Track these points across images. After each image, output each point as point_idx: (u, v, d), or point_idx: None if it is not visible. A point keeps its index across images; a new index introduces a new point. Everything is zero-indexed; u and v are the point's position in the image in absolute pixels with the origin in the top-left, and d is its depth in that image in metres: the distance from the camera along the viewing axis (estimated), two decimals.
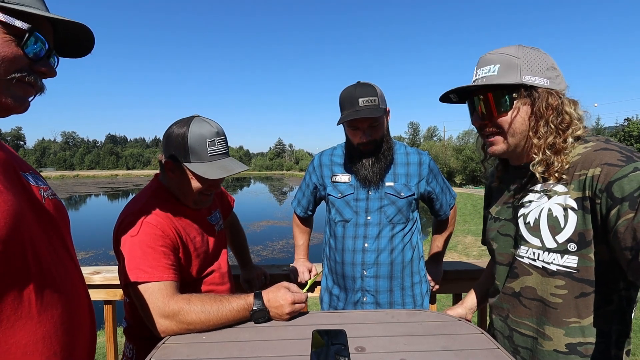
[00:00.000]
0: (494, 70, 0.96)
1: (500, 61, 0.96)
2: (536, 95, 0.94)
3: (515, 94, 0.95)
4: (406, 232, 1.57)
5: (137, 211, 1.14)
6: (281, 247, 13.97)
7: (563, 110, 0.94)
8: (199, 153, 1.13)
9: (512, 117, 0.96)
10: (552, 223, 0.93)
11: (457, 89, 1.02)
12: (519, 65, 0.94)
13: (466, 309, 1.32)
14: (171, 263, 1.09)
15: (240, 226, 1.80)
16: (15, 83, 0.67)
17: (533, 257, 0.98)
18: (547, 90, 0.94)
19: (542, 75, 0.94)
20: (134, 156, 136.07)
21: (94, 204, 35.25)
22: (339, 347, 0.93)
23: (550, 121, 0.94)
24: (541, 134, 0.95)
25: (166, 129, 1.19)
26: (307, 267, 1.82)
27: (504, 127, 0.98)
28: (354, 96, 1.42)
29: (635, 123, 33.67)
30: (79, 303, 0.78)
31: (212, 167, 1.13)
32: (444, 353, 0.91)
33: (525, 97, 0.95)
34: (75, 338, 0.75)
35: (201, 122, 1.16)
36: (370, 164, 1.50)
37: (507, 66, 0.95)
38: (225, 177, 1.15)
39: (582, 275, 0.90)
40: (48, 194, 0.79)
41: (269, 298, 1.10)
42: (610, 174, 0.82)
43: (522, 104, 0.95)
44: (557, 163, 0.93)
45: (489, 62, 0.98)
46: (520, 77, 0.93)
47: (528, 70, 0.94)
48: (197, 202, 1.24)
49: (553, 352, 0.95)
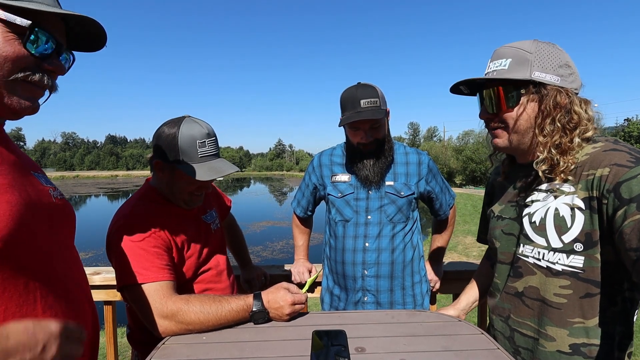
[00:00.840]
0: (505, 64, 0.94)
1: (513, 55, 0.94)
2: (545, 93, 0.92)
3: (523, 89, 0.93)
4: (406, 231, 1.57)
5: (127, 214, 1.14)
6: (281, 248, 13.96)
7: (572, 109, 0.92)
8: (189, 154, 1.13)
9: (518, 113, 0.95)
10: (558, 223, 0.93)
11: (466, 80, 1.01)
12: (530, 61, 0.92)
13: (459, 310, 1.30)
14: (165, 263, 1.09)
15: (238, 227, 1.80)
16: (20, 83, 0.65)
17: (538, 257, 0.97)
18: (556, 88, 0.92)
19: (553, 73, 0.92)
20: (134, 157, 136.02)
21: (94, 205, 35.23)
22: (338, 348, 0.92)
23: (557, 120, 0.92)
24: (547, 132, 0.93)
25: (157, 129, 1.18)
26: (307, 267, 1.82)
27: (508, 122, 0.97)
28: (356, 97, 1.42)
29: (635, 123, 33.68)
30: (82, 301, 0.78)
31: (202, 169, 1.13)
32: (444, 353, 0.91)
33: (533, 94, 0.93)
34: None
35: (192, 122, 1.16)
36: (371, 164, 1.51)
37: (518, 61, 0.93)
38: (218, 179, 1.15)
39: (587, 276, 0.89)
40: (56, 194, 0.79)
41: (268, 299, 1.09)
42: (619, 174, 0.82)
43: (529, 101, 0.94)
44: (563, 163, 0.92)
45: (501, 55, 0.96)
46: (530, 73, 0.92)
47: (539, 67, 0.92)
48: (187, 202, 1.23)
49: (556, 353, 0.94)
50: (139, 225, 1.10)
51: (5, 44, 0.61)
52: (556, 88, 0.92)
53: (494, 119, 1.00)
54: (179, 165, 1.13)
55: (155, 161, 1.17)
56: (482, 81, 0.99)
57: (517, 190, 1.07)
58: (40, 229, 0.69)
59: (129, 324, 1.27)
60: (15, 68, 0.63)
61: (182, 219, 1.23)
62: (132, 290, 1.04)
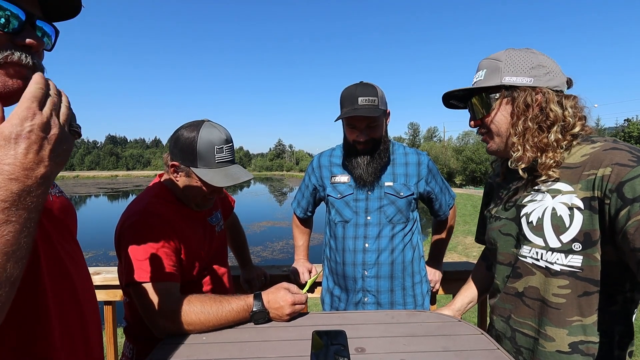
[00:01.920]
0: (482, 75, 1.03)
1: (487, 66, 1.03)
2: (516, 95, 0.98)
3: (497, 94, 1.01)
4: (406, 232, 1.57)
5: (139, 212, 1.14)
6: (281, 248, 13.96)
7: (548, 107, 0.95)
8: (207, 159, 1.13)
9: (493, 116, 1.02)
10: (556, 222, 0.93)
11: (447, 94, 1.11)
12: (500, 68, 0.99)
13: (454, 311, 1.30)
14: (172, 264, 1.09)
15: (240, 226, 1.80)
16: (3, 65, 0.57)
17: (536, 257, 0.97)
18: (528, 88, 0.96)
19: (525, 75, 0.97)
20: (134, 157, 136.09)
21: (94, 205, 35.26)
22: (338, 348, 0.93)
23: (529, 119, 0.96)
24: (519, 132, 0.97)
25: (175, 130, 1.19)
26: (307, 267, 1.82)
27: (490, 127, 1.04)
28: (354, 95, 1.43)
29: (635, 124, 33.69)
30: (90, 298, 0.78)
31: (219, 174, 1.14)
32: (444, 354, 0.91)
33: (506, 97, 1.00)
34: (90, 332, 0.75)
35: (211, 127, 1.16)
36: (365, 163, 1.50)
37: (491, 70, 1.01)
38: None
39: (586, 275, 0.90)
40: (55, 191, 0.78)
41: (268, 299, 1.10)
42: (621, 174, 0.81)
43: (503, 104, 1.00)
44: (545, 159, 0.94)
45: (480, 68, 1.06)
46: (500, 79, 0.99)
47: (509, 72, 0.98)
48: (199, 205, 1.24)
49: (556, 353, 0.94)
50: (151, 224, 1.11)
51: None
52: (528, 88, 0.96)
53: (480, 125, 1.08)
54: (196, 170, 1.13)
55: (171, 163, 1.17)
56: (458, 92, 1.08)
57: (514, 190, 1.07)
58: (44, 227, 0.68)
59: (126, 318, 1.26)
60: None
61: (191, 220, 1.24)
62: (137, 288, 1.05)
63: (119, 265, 1.12)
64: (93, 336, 0.77)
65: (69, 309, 0.70)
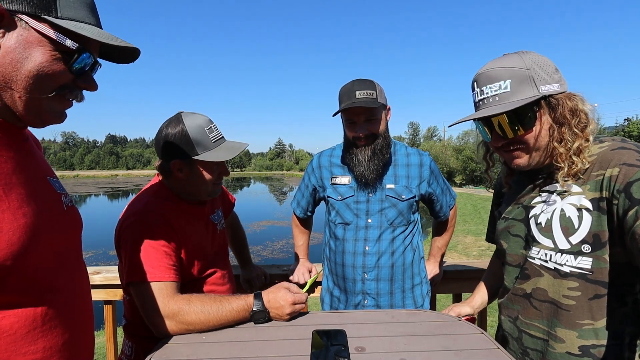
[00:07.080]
0: (506, 86, 0.90)
1: (510, 76, 0.90)
2: (555, 103, 0.90)
3: (537, 107, 0.91)
4: (407, 234, 1.56)
5: (139, 211, 1.14)
6: (281, 247, 13.96)
7: (579, 110, 0.91)
8: (203, 142, 1.16)
9: (537, 132, 0.92)
10: (565, 224, 0.91)
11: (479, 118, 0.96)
12: (531, 77, 0.90)
13: (474, 308, 1.27)
14: (172, 263, 1.09)
15: (240, 225, 1.80)
16: (58, 98, 0.67)
17: (545, 259, 0.96)
18: (564, 95, 0.91)
19: (553, 81, 0.91)
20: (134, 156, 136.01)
21: (94, 204, 35.26)
22: (338, 348, 0.93)
23: (573, 126, 0.91)
24: (568, 141, 0.91)
25: (157, 134, 1.19)
26: (307, 267, 1.81)
27: (529, 142, 0.94)
28: (352, 90, 1.42)
29: (635, 123, 33.67)
30: (83, 311, 0.79)
31: (221, 151, 1.18)
32: (444, 353, 0.91)
33: (544, 108, 0.91)
34: (81, 339, 0.76)
35: (191, 115, 1.19)
36: (366, 160, 1.48)
37: (519, 80, 0.90)
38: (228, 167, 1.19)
39: (596, 277, 0.88)
40: (67, 200, 0.80)
41: (269, 299, 1.10)
42: (629, 174, 0.80)
43: (543, 115, 0.92)
44: (579, 163, 0.90)
45: (495, 78, 0.92)
46: (538, 90, 0.89)
47: (541, 80, 0.90)
48: (210, 193, 1.26)
49: (565, 355, 0.93)
50: (150, 223, 1.10)
51: (52, 62, 0.63)
52: (564, 95, 0.91)
53: (511, 142, 0.96)
54: (198, 157, 1.15)
55: (172, 162, 1.17)
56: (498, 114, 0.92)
57: (523, 192, 1.06)
58: (54, 237, 0.70)
59: (125, 316, 1.26)
60: (56, 85, 0.65)
61: (192, 217, 1.24)
62: (137, 287, 1.05)
63: (120, 264, 1.12)
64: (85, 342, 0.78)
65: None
